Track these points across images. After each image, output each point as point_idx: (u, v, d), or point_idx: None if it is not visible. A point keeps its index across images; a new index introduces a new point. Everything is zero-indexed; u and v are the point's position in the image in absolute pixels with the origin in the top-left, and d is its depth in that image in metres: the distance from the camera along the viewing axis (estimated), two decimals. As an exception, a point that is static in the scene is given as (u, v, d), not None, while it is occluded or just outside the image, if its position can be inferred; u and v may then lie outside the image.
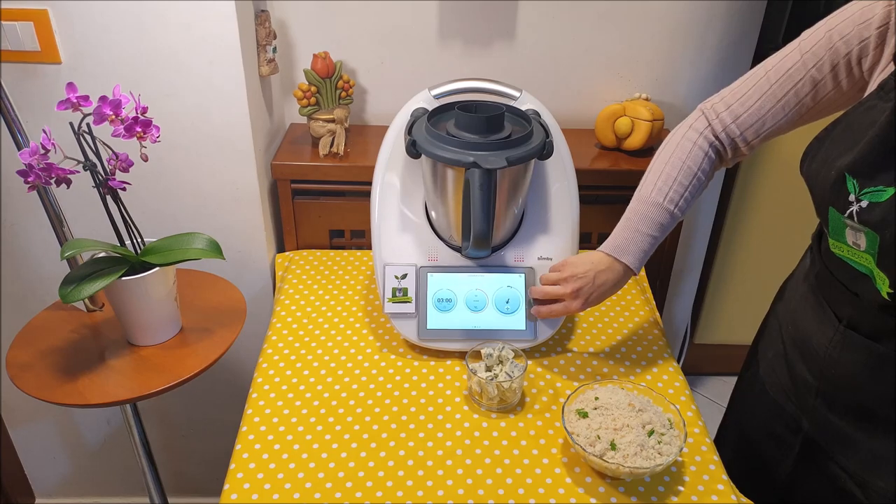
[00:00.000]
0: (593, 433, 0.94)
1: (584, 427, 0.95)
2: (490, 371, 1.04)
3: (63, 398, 1.01)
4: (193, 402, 1.60)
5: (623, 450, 0.91)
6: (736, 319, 2.12)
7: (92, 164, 0.98)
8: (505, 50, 1.46)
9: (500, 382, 1.01)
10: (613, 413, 0.96)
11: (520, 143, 1.01)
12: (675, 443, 0.93)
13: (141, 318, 1.08)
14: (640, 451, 0.91)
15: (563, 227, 1.14)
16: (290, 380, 1.09)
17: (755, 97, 0.94)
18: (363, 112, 1.54)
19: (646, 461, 0.90)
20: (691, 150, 1.00)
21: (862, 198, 0.78)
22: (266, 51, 1.31)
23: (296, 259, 1.39)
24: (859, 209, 0.78)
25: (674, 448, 0.92)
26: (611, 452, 0.91)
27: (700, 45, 1.49)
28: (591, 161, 1.44)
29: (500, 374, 1.03)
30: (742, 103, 0.96)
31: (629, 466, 0.89)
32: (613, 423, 0.95)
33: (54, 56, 1.17)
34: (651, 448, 0.92)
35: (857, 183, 0.79)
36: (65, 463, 1.71)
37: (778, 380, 1.03)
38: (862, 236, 0.79)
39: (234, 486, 0.92)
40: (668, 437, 0.93)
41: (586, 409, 0.98)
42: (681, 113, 1.58)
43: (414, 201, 1.14)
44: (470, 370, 1.03)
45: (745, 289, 2.05)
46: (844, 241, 0.83)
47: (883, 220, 0.76)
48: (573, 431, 0.95)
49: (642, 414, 0.96)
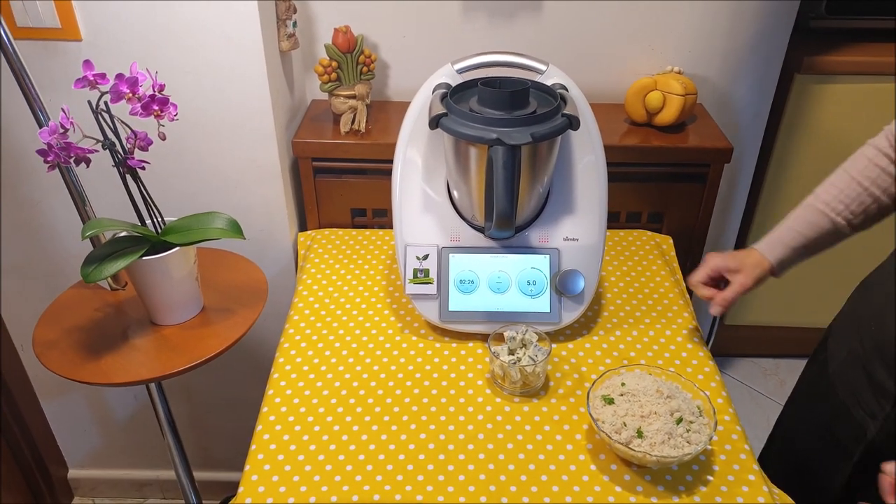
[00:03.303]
0: (619, 420, 0.91)
1: (609, 413, 0.92)
2: (513, 354, 1.02)
3: (87, 377, 1.02)
4: (218, 380, 1.61)
5: (650, 438, 0.89)
6: (768, 300, 2.06)
7: (111, 143, 0.97)
8: (531, 22, 1.42)
9: (524, 366, 0.99)
10: (640, 399, 0.94)
11: (545, 119, 0.97)
12: (704, 431, 0.90)
13: (162, 298, 1.08)
14: (668, 439, 0.88)
15: (590, 206, 1.11)
16: (311, 360, 1.08)
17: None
18: (385, 88, 1.51)
19: (673, 450, 0.88)
20: (856, 158, 0.97)
21: None
22: (286, 25, 1.28)
23: (317, 238, 1.38)
24: None
25: (703, 437, 0.89)
26: (637, 440, 0.89)
27: (736, 15, 1.43)
28: (621, 137, 1.40)
29: (524, 358, 1.01)
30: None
31: (656, 455, 0.87)
32: (640, 409, 0.92)
33: (75, 33, 1.16)
34: (679, 436, 0.89)
35: None
36: (95, 436, 1.74)
37: (850, 382, 0.98)
38: None
39: (255, 466, 0.92)
40: (696, 426, 0.90)
41: (612, 395, 0.95)
42: (715, 86, 1.52)
43: (436, 180, 1.11)
44: (492, 353, 1.01)
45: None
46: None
47: None
48: (598, 418, 0.92)
49: (670, 401, 0.93)
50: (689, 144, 1.38)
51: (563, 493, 0.88)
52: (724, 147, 1.37)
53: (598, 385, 0.97)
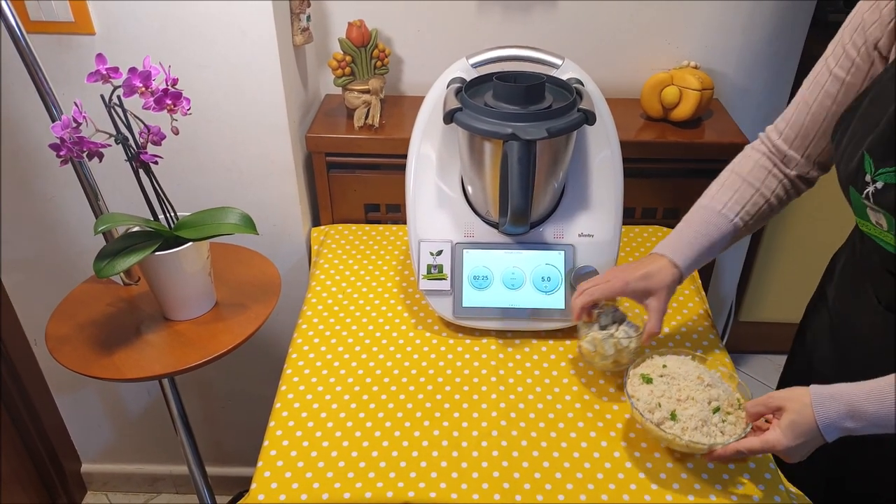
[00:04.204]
0: (655, 400, 0.90)
1: (645, 392, 0.91)
2: (605, 329, 1.00)
3: (100, 372, 1.02)
4: (231, 375, 1.61)
5: (683, 422, 0.87)
6: (783, 296, 2.05)
7: (123, 138, 0.97)
8: (546, 16, 1.41)
9: (619, 339, 0.97)
10: (680, 383, 0.91)
11: (561, 114, 0.96)
12: (739, 424, 0.87)
13: (175, 293, 1.08)
14: (702, 426, 0.87)
15: (605, 202, 1.10)
16: (325, 356, 1.07)
17: (792, 110, 0.93)
18: (399, 82, 1.50)
19: (705, 437, 0.86)
20: (743, 161, 0.99)
21: (877, 178, 0.75)
22: (300, 19, 1.28)
23: (331, 233, 1.37)
24: (874, 190, 0.76)
25: (738, 430, 0.87)
26: (670, 422, 0.88)
27: (753, 9, 1.41)
28: (637, 132, 1.38)
29: (619, 332, 0.99)
30: (784, 120, 0.95)
31: (686, 439, 0.85)
32: (678, 393, 0.90)
33: (88, 27, 1.16)
34: (714, 425, 0.87)
35: (873, 163, 0.76)
36: (108, 430, 1.74)
37: (824, 354, 1.00)
38: (882, 217, 0.77)
39: (267, 463, 0.91)
40: (733, 418, 0.88)
41: (652, 375, 0.93)
42: (732, 82, 1.50)
43: (450, 175, 1.11)
44: (585, 327, 1.00)
45: (793, 264, 1.97)
46: (868, 220, 0.80)
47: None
48: (634, 395, 0.91)
49: (710, 389, 0.90)
50: (705, 140, 1.36)
51: (577, 491, 0.87)
52: (740, 142, 1.35)
53: (640, 363, 0.96)
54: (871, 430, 0.75)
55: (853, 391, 0.76)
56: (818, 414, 0.77)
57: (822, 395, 0.77)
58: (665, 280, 0.94)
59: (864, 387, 0.75)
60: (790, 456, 0.81)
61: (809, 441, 0.79)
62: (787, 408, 0.80)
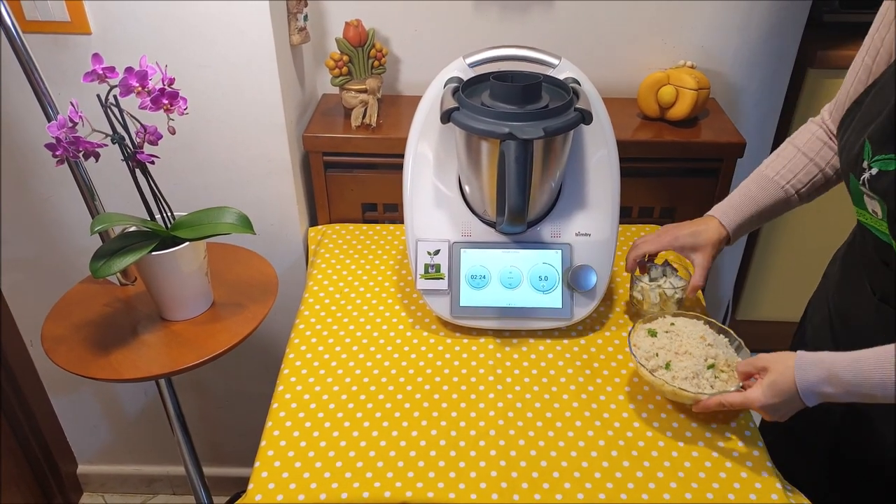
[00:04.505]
0: (654, 350, 0.97)
1: (648, 344, 0.98)
2: (654, 281, 1.09)
3: (96, 372, 1.01)
4: (228, 375, 1.60)
5: (675, 372, 0.94)
6: (780, 295, 2.05)
7: (120, 138, 0.96)
8: (543, 16, 1.41)
9: (664, 290, 1.07)
10: (682, 340, 0.97)
11: (558, 114, 0.96)
12: (731, 383, 0.93)
13: (172, 293, 1.08)
14: (693, 377, 0.93)
15: (602, 201, 1.10)
16: (322, 356, 1.07)
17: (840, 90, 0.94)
18: (396, 82, 1.50)
19: (693, 388, 0.92)
20: (801, 133, 1.02)
21: (873, 165, 0.78)
22: (297, 19, 1.27)
23: (328, 233, 1.37)
24: (870, 176, 0.79)
25: (728, 388, 0.92)
26: (662, 370, 0.94)
27: (749, 9, 1.41)
28: (633, 132, 1.38)
29: (665, 284, 1.08)
30: (834, 99, 0.98)
31: (674, 386, 0.91)
32: (678, 347, 0.97)
33: (84, 27, 1.15)
34: (705, 380, 0.93)
35: (871, 150, 0.79)
36: (105, 431, 1.74)
37: (823, 346, 0.99)
38: (877, 204, 0.79)
39: (265, 463, 0.91)
40: (725, 376, 0.93)
41: (658, 329, 1.00)
42: (728, 81, 1.51)
43: (447, 174, 1.11)
44: (636, 278, 1.10)
45: (791, 263, 1.97)
46: (865, 209, 0.83)
47: (888, 189, 0.76)
48: (636, 344, 0.98)
49: (710, 349, 0.96)
50: (701, 139, 1.37)
51: (574, 490, 0.87)
52: (736, 142, 1.35)
53: (650, 320, 1.03)
54: (847, 397, 0.79)
55: (834, 358, 0.80)
56: (798, 376, 0.81)
57: (804, 359, 0.82)
58: (711, 238, 1.03)
59: (847, 356, 0.79)
60: (768, 413, 0.85)
61: (787, 401, 0.83)
62: (771, 368, 0.85)
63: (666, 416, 0.97)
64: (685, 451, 0.92)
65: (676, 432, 0.95)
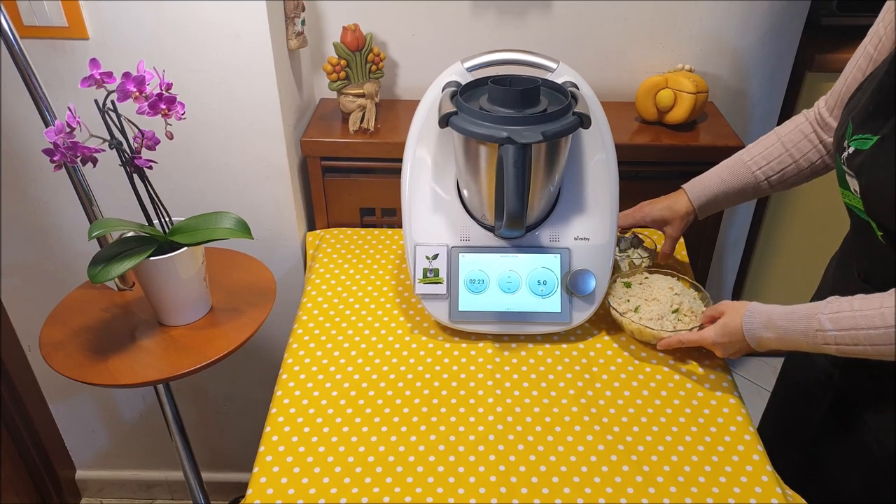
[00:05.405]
0: (627, 297, 1.11)
1: (622, 293, 1.12)
2: (624, 252, 1.21)
3: (94, 378, 1.01)
4: (227, 380, 1.60)
5: (642, 314, 1.07)
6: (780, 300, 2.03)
7: (117, 143, 0.96)
8: (541, 20, 1.41)
9: (632, 259, 1.20)
10: (653, 289, 1.11)
11: (556, 118, 0.96)
12: (692, 325, 1.05)
13: (170, 299, 1.08)
14: (658, 319, 1.06)
15: (601, 205, 1.10)
16: (320, 361, 1.07)
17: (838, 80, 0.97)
18: (394, 86, 1.50)
19: (657, 326, 1.05)
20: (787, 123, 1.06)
21: (851, 144, 0.82)
22: (294, 23, 1.27)
23: (326, 238, 1.37)
24: (848, 154, 0.83)
25: (686, 328, 1.04)
26: (632, 313, 1.08)
27: (747, 13, 1.42)
28: (632, 135, 1.38)
29: (633, 254, 1.21)
30: (831, 90, 1.00)
31: (639, 324, 1.05)
32: (648, 295, 1.10)
33: (82, 32, 1.15)
34: (668, 321, 1.06)
35: (852, 129, 0.82)
36: (103, 436, 1.73)
37: None
38: (855, 182, 0.82)
39: (263, 468, 0.91)
40: (687, 320, 1.06)
41: (633, 282, 1.13)
42: (726, 84, 1.51)
43: (445, 178, 1.10)
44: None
45: (790, 268, 1.97)
46: (847, 188, 0.85)
47: (861, 167, 0.80)
48: (611, 293, 1.11)
49: (676, 297, 1.09)
50: (700, 143, 1.37)
51: (574, 495, 0.87)
52: (735, 145, 1.35)
53: (629, 275, 1.15)
54: (782, 344, 0.88)
55: (776, 307, 0.89)
56: (745, 320, 0.91)
57: (754, 308, 0.92)
58: (679, 211, 1.12)
59: (788, 307, 0.88)
60: (719, 350, 0.98)
61: (735, 342, 0.94)
62: (726, 312, 0.96)
63: (665, 420, 0.97)
64: (685, 456, 0.92)
65: (676, 436, 0.95)
